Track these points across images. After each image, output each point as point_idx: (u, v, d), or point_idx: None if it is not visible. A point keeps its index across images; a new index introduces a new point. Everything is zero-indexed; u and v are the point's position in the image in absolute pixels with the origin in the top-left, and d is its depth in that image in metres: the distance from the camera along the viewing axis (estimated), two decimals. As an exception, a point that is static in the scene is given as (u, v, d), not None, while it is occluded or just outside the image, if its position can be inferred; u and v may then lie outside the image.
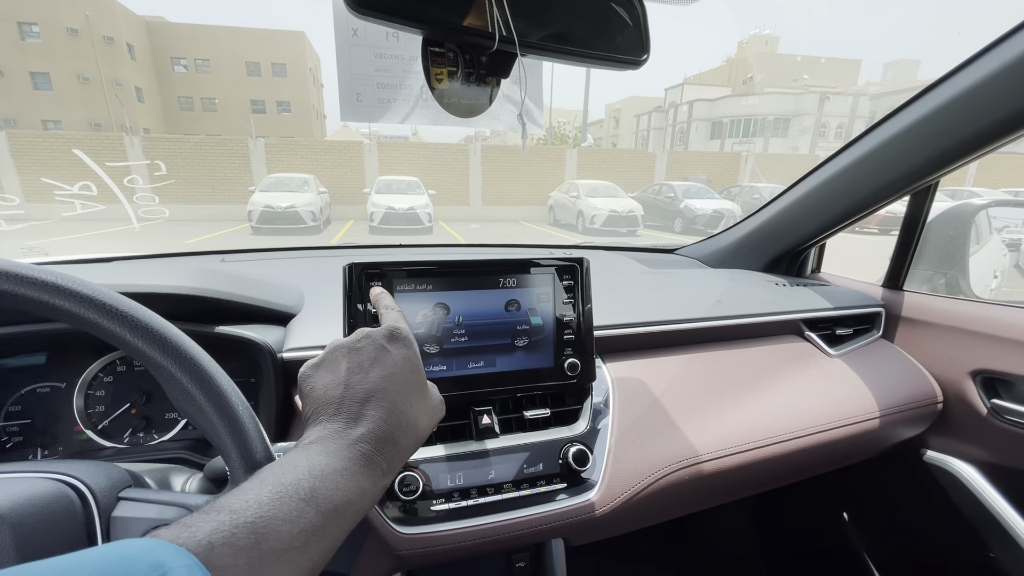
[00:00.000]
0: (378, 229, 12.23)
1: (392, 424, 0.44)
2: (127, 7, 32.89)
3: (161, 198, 14.88)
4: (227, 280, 0.80)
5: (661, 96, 47.92)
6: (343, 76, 0.65)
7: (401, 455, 0.44)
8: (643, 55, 0.59)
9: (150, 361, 0.41)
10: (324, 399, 0.45)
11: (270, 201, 11.81)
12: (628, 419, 0.83)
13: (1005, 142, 0.86)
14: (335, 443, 0.41)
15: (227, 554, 0.30)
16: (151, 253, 1.25)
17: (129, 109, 32.41)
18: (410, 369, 0.49)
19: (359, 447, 0.41)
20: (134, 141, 15.06)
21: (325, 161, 16.60)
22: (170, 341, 0.41)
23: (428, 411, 0.50)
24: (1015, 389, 0.99)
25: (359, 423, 0.43)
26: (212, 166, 15.67)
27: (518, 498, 0.72)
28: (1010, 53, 0.78)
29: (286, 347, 0.74)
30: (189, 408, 0.44)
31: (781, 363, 1.04)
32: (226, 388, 0.43)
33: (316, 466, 0.38)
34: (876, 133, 1.01)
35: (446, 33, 0.51)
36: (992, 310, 1.03)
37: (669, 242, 1.66)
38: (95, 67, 30.45)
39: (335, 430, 0.42)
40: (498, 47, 0.50)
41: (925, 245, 1.17)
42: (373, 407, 0.44)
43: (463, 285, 0.72)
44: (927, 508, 1.16)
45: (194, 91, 38.03)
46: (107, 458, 0.76)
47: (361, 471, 0.40)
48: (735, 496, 1.05)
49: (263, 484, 0.35)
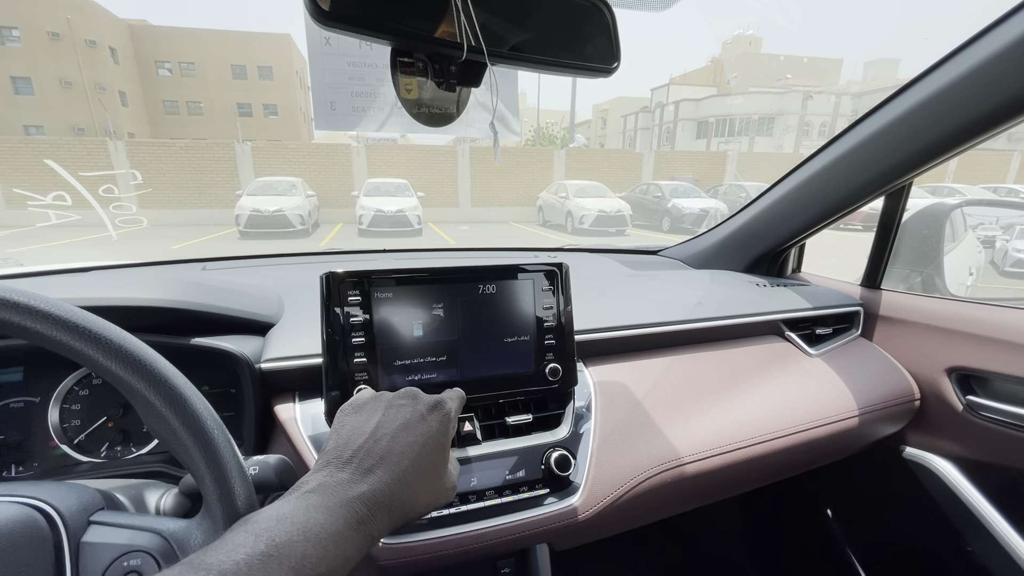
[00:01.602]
0: (367, 232, 12.17)
1: (393, 491, 0.44)
2: (109, 10, 32.47)
3: (145, 204, 14.72)
4: (203, 290, 0.80)
5: (648, 96, 48.21)
6: (316, 85, 0.65)
7: (389, 526, 0.44)
8: (614, 63, 0.59)
9: (111, 376, 0.41)
10: (345, 442, 0.46)
11: (258, 205, 11.71)
12: (610, 423, 0.83)
13: (975, 143, 0.87)
14: (335, 498, 0.40)
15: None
16: (130, 262, 1.23)
17: (113, 113, 31.98)
18: (436, 446, 0.49)
19: (355, 506, 0.41)
20: (118, 146, 14.87)
21: (313, 164, 16.48)
22: (133, 355, 0.41)
23: (433, 492, 0.49)
24: (989, 385, 1.01)
25: (364, 480, 0.43)
26: (198, 170, 15.50)
27: (501, 505, 0.72)
28: (976, 57, 0.79)
29: (264, 357, 0.74)
30: (160, 428, 0.43)
31: (762, 363, 1.05)
32: (198, 406, 0.43)
33: (312, 526, 0.37)
34: (850, 135, 1.03)
35: (414, 44, 0.51)
36: (966, 308, 1.05)
37: (657, 241, 1.67)
38: (77, 71, 30.01)
39: (340, 482, 0.42)
40: (467, 57, 0.50)
41: (901, 244, 1.18)
42: (383, 468, 0.44)
43: (441, 292, 0.72)
44: (907, 504, 1.18)
45: (179, 95, 37.63)
46: (83, 473, 0.75)
47: (352, 536, 0.39)
48: (719, 496, 1.05)
49: (257, 541, 0.34)
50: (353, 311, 0.67)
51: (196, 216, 14.78)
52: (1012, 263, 6.03)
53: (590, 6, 0.56)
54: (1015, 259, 6.03)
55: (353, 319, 0.67)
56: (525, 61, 0.55)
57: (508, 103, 0.72)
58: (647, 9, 0.65)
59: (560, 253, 1.56)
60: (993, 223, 1.74)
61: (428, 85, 0.55)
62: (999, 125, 0.82)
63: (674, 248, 1.58)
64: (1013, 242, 6.06)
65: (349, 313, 0.67)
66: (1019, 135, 34.83)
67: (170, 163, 15.29)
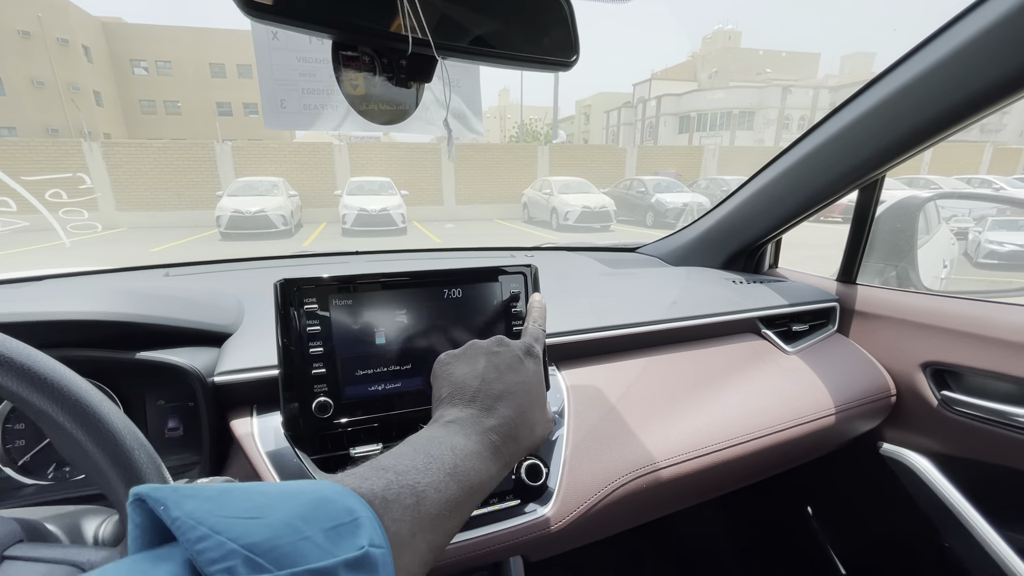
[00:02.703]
0: (351, 231, 12.07)
1: (518, 423, 0.48)
2: (82, 8, 31.70)
3: (122, 206, 14.42)
4: (153, 301, 0.76)
5: (630, 92, 48.42)
6: (264, 82, 0.61)
7: (519, 453, 0.48)
8: (572, 56, 0.56)
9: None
10: (461, 385, 0.50)
11: (239, 206, 11.53)
12: (583, 429, 0.81)
13: (944, 136, 0.86)
14: (471, 427, 0.45)
15: (396, 510, 0.33)
16: (87, 269, 1.18)
17: (87, 114, 31.26)
18: (537, 383, 0.54)
19: (490, 436, 0.45)
20: (93, 147, 14.54)
21: (295, 163, 16.27)
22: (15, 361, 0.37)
23: (544, 423, 0.54)
24: (963, 380, 1.01)
25: (491, 415, 0.47)
26: (177, 171, 15.21)
27: (471, 518, 0.70)
28: (943, 49, 0.78)
29: (218, 370, 0.70)
30: (60, 440, 0.39)
31: (739, 362, 1.03)
32: (101, 410, 0.39)
33: (457, 445, 0.42)
34: (821, 130, 1.02)
35: (355, 37, 0.48)
36: (940, 302, 1.05)
37: (642, 236, 1.66)
38: (50, 71, 29.28)
39: (472, 415, 0.46)
40: (415, 51, 0.47)
41: (875, 239, 1.18)
42: (504, 405, 0.48)
43: (404, 298, 0.69)
44: (885, 500, 1.18)
45: (156, 94, 36.89)
46: (28, 497, 0.71)
47: (491, 457, 0.44)
48: (697, 500, 1.04)
49: (416, 454, 0.39)
50: (310, 320, 0.64)
51: (176, 218, 14.54)
52: (985, 254, 6.18)
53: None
54: (988, 250, 6.18)
55: (310, 328, 0.64)
56: (478, 55, 0.52)
57: (469, 100, 0.69)
58: (609, 0, 0.63)
59: (538, 252, 1.54)
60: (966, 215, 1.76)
61: (377, 81, 0.52)
62: (968, 117, 0.81)
63: (652, 245, 1.57)
64: (986, 233, 6.21)
65: (306, 322, 0.64)
66: (991, 126, 35.73)
67: (148, 164, 14.97)
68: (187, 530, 0.23)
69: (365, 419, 0.67)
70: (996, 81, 0.75)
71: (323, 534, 0.27)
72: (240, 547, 0.24)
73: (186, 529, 0.23)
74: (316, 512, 0.28)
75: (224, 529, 0.24)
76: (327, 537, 0.27)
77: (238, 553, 0.23)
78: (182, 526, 0.24)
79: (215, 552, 0.23)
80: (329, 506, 0.29)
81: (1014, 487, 0.98)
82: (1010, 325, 0.93)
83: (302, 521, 0.27)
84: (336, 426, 0.65)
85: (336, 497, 0.30)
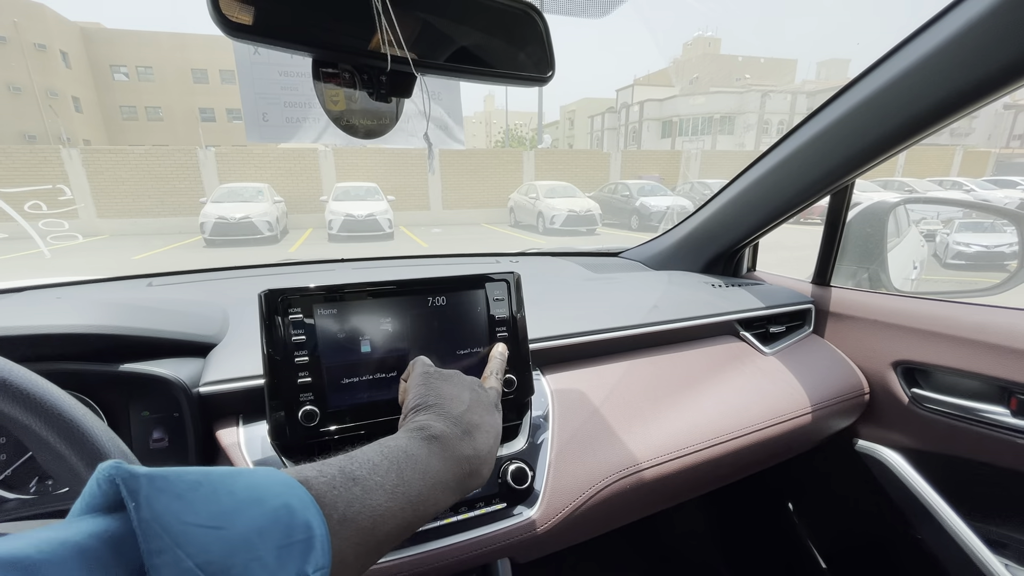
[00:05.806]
0: (337, 237, 11.98)
1: (483, 459, 0.49)
2: (59, 13, 31.21)
3: (103, 214, 14.18)
4: (137, 312, 0.76)
5: (613, 97, 48.74)
6: (246, 95, 0.62)
7: (473, 488, 0.49)
8: (548, 71, 0.58)
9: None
10: (449, 401, 0.51)
11: (223, 212, 11.39)
12: (568, 432, 0.82)
13: (914, 141, 0.89)
14: (451, 450, 0.46)
15: (349, 530, 0.34)
16: (67, 280, 1.17)
17: (66, 120, 30.72)
18: (498, 433, 0.55)
19: (463, 465, 0.46)
20: (72, 154, 14.27)
21: (280, 169, 16.13)
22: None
23: (489, 472, 0.54)
24: (932, 378, 1.04)
25: (469, 441, 0.48)
26: (160, 177, 14.99)
27: (457, 522, 0.70)
28: (906, 60, 0.81)
29: (203, 380, 0.71)
30: (43, 453, 0.39)
31: (718, 364, 1.06)
32: (84, 423, 0.39)
33: (431, 470, 0.42)
34: (796, 136, 1.05)
35: (336, 55, 0.49)
36: (909, 303, 1.08)
37: (627, 239, 1.68)
38: (27, 76, 28.75)
39: (455, 435, 0.47)
40: (394, 68, 0.48)
41: (848, 242, 1.21)
42: (481, 438, 0.50)
43: (389, 306, 0.70)
44: (861, 495, 1.21)
45: (137, 100, 36.38)
46: (11, 511, 0.71)
47: (455, 489, 0.45)
48: (680, 499, 1.06)
49: (388, 472, 0.39)
50: (295, 330, 0.65)
51: (159, 225, 14.33)
52: (953, 255, 6.35)
53: (521, 14, 0.55)
54: (956, 251, 6.35)
55: (295, 337, 0.65)
56: (456, 71, 0.54)
57: (451, 111, 0.70)
58: (585, 16, 0.65)
59: (523, 258, 1.55)
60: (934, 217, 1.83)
61: (358, 96, 0.53)
62: (932, 124, 0.84)
63: (634, 250, 1.59)
64: (953, 235, 6.39)
65: (291, 332, 0.65)
66: (960, 130, 36.56)
67: (129, 171, 14.75)
68: (151, 537, 0.24)
69: (351, 427, 0.68)
70: (959, 89, 0.77)
71: (275, 553, 0.28)
72: (195, 565, 0.24)
73: (150, 536, 0.24)
74: (275, 525, 0.29)
75: (185, 542, 0.25)
76: (277, 557, 0.28)
77: (192, 572, 0.24)
78: (147, 531, 0.24)
79: (169, 571, 0.24)
80: (289, 518, 0.30)
81: (981, 480, 1.02)
82: (974, 324, 0.96)
83: (259, 536, 0.28)
84: (323, 434, 0.66)
85: (298, 506, 0.31)
